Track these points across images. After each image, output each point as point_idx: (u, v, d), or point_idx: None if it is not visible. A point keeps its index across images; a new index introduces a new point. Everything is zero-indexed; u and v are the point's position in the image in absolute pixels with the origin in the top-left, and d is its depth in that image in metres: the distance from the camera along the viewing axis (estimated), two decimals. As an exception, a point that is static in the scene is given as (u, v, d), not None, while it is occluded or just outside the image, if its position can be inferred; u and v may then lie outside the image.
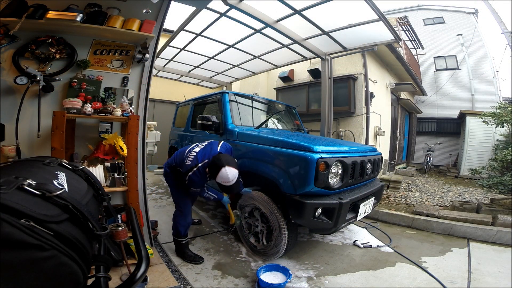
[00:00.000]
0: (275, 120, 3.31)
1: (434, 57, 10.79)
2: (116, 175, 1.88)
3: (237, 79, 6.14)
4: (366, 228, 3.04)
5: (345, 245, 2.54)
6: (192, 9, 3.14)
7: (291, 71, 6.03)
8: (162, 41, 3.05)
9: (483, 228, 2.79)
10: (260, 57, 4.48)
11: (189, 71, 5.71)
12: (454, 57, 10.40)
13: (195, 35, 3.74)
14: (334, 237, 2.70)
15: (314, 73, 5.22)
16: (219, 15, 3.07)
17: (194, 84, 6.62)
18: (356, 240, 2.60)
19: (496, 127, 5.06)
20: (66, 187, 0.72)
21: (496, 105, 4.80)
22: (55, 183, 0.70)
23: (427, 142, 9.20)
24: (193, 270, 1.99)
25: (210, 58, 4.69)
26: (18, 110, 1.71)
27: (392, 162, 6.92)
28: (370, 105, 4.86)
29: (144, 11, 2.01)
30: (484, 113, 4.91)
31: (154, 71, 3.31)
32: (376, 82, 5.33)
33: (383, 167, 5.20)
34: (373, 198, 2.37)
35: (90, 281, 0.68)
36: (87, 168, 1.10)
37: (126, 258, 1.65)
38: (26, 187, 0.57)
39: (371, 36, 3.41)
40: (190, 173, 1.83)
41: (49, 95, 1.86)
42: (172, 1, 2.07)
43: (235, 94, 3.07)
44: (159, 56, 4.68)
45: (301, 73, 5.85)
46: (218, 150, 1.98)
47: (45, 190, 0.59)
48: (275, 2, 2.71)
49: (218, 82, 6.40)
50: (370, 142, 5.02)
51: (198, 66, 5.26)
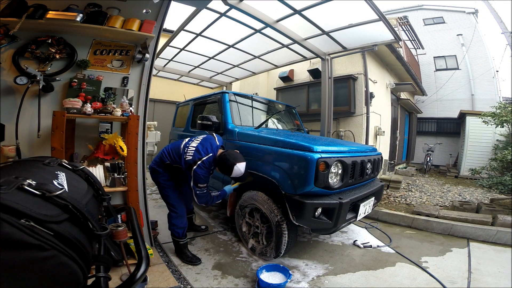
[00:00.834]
0: (275, 120, 3.31)
1: (434, 57, 10.80)
2: (116, 175, 1.88)
3: (237, 79, 6.14)
4: (366, 228, 3.03)
5: (345, 245, 2.54)
6: (192, 9, 3.13)
7: (291, 71, 6.03)
8: (162, 41, 3.05)
9: (483, 228, 2.79)
10: (260, 57, 4.47)
11: (189, 71, 5.71)
12: (454, 57, 10.40)
13: (195, 35, 3.74)
14: (334, 237, 2.70)
15: (314, 73, 5.22)
16: (219, 15, 3.07)
17: (194, 84, 6.61)
18: (356, 240, 2.60)
19: (496, 127, 5.06)
20: (66, 187, 0.72)
21: (496, 105, 4.80)
22: (55, 183, 0.70)
23: (427, 142, 9.20)
24: (193, 270, 1.99)
25: (210, 58, 4.69)
26: (18, 110, 1.71)
27: (392, 162, 6.93)
28: (370, 105, 4.86)
29: (144, 11, 2.01)
30: (484, 113, 4.91)
31: (154, 71, 3.31)
32: (376, 82, 5.33)
33: (383, 167, 5.20)
34: (373, 198, 2.37)
35: (90, 281, 0.68)
36: (87, 168, 1.10)
37: (126, 258, 1.65)
38: (26, 187, 0.57)
39: (371, 36, 3.41)
40: (195, 167, 1.80)
41: (49, 95, 1.86)
42: (172, 1, 2.07)
43: (235, 94, 3.07)
44: (159, 56, 4.68)
45: (301, 73, 5.85)
46: (218, 143, 2.02)
47: (45, 190, 0.59)
48: (275, 2, 2.71)
49: (218, 82, 6.40)
50: (370, 142, 5.02)
51: (198, 66, 5.25)
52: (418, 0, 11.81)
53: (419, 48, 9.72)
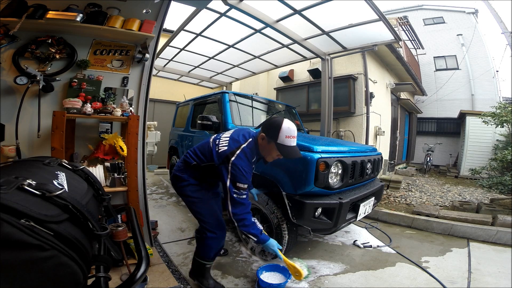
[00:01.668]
0: (275, 120, 3.30)
1: (434, 57, 10.80)
2: (116, 175, 1.88)
3: (237, 79, 6.14)
4: (366, 228, 3.03)
5: (345, 245, 2.54)
6: (192, 9, 3.14)
7: (291, 71, 6.03)
8: (162, 41, 3.05)
9: (483, 228, 2.79)
10: (260, 57, 4.48)
11: (189, 71, 5.71)
12: (454, 57, 10.40)
13: (195, 35, 3.74)
14: (334, 237, 2.70)
15: (314, 73, 5.21)
16: (219, 15, 3.07)
17: (194, 84, 6.62)
18: (356, 240, 2.60)
19: (496, 127, 5.05)
20: (66, 187, 0.72)
21: (496, 105, 4.79)
22: (55, 183, 0.70)
23: (427, 142, 9.20)
24: (193, 270, 1.99)
25: (210, 58, 4.70)
26: (18, 110, 1.71)
27: (392, 162, 6.93)
28: (370, 105, 4.86)
29: (144, 11, 2.01)
30: (484, 113, 4.90)
31: (154, 71, 3.31)
32: (376, 82, 5.33)
33: (383, 167, 5.19)
34: (373, 198, 2.37)
35: (90, 281, 0.68)
36: (87, 168, 1.10)
37: (126, 258, 1.65)
38: (26, 187, 0.57)
39: (371, 36, 3.41)
40: (233, 158, 1.42)
41: (49, 95, 1.86)
42: (172, 1, 2.07)
43: (235, 94, 3.07)
44: (159, 56, 4.68)
45: (301, 73, 5.85)
46: (255, 132, 1.64)
47: (45, 190, 0.59)
48: (275, 2, 2.71)
49: (218, 82, 6.40)
50: (370, 142, 5.02)
51: (198, 66, 5.26)
52: (418, 0, 11.82)
53: (419, 48, 9.73)
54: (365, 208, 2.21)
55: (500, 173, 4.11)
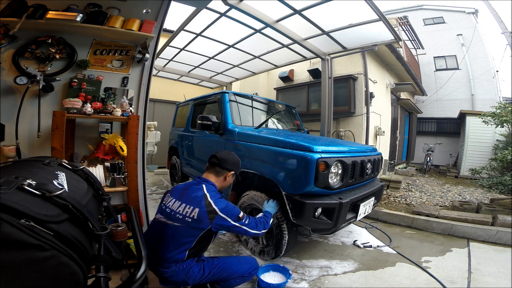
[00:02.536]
0: (275, 120, 3.31)
1: (434, 57, 10.80)
2: (116, 175, 1.88)
3: (237, 79, 6.14)
4: (366, 228, 3.03)
5: (345, 245, 2.54)
6: (192, 9, 3.14)
7: (291, 71, 6.03)
8: (162, 41, 3.05)
9: (483, 228, 2.79)
10: (260, 57, 4.48)
11: (189, 71, 5.71)
12: (454, 57, 10.40)
13: (195, 35, 3.74)
14: (334, 237, 2.70)
15: (314, 73, 5.21)
16: (219, 15, 3.07)
17: (194, 84, 6.62)
18: (356, 240, 2.60)
19: (496, 127, 5.05)
20: (66, 187, 0.72)
21: (496, 105, 4.80)
22: (55, 183, 0.70)
23: (427, 142, 9.20)
24: (193, 270, 1.98)
25: (210, 58, 4.70)
26: (18, 110, 1.71)
27: (392, 162, 6.92)
28: (370, 105, 4.86)
29: (144, 11, 2.00)
30: (484, 113, 4.90)
31: (154, 71, 3.31)
32: (376, 82, 5.33)
33: (383, 167, 5.19)
34: (373, 198, 2.37)
35: (90, 281, 0.68)
36: (87, 168, 1.10)
37: (126, 258, 1.65)
38: (26, 187, 0.57)
39: (371, 36, 3.41)
40: (215, 205, 1.39)
41: (49, 95, 1.86)
42: (172, 1, 2.07)
43: (235, 94, 3.07)
44: (159, 56, 4.68)
45: (301, 73, 5.85)
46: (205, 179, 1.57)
47: (45, 190, 0.59)
48: (275, 2, 2.71)
49: (218, 82, 6.40)
50: (370, 142, 5.02)
51: (198, 66, 5.26)
52: (418, 0, 11.82)
53: (419, 48, 9.73)
54: (365, 208, 2.21)
55: (500, 173, 4.10)
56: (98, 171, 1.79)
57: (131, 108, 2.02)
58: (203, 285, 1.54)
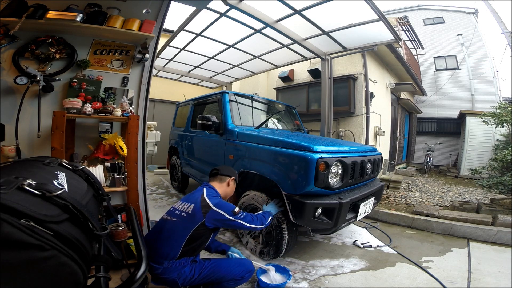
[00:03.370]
0: (275, 120, 3.31)
1: (434, 57, 10.80)
2: (116, 175, 1.88)
3: (237, 79, 6.14)
4: (366, 228, 3.03)
5: (345, 245, 2.54)
6: (192, 9, 3.14)
7: (291, 71, 6.03)
8: (162, 41, 3.05)
9: (483, 228, 2.79)
10: (260, 57, 4.48)
11: (189, 71, 5.72)
12: (454, 57, 10.41)
13: (195, 35, 3.74)
14: (334, 237, 2.70)
15: (314, 73, 5.22)
16: (219, 15, 3.07)
17: (194, 84, 6.62)
18: (356, 240, 2.60)
19: (496, 127, 5.05)
20: (66, 187, 0.72)
21: (496, 105, 4.80)
22: (55, 183, 0.70)
23: (427, 142, 9.20)
24: (193, 270, 1.98)
25: (210, 58, 4.70)
26: (18, 110, 1.71)
27: (392, 162, 6.92)
28: (370, 105, 4.86)
29: (144, 11, 2.00)
30: (484, 113, 4.90)
31: (154, 71, 3.31)
32: (376, 82, 5.33)
33: (383, 167, 5.19)
34: (373, 198, 2.37)
35: (90, 281, 0.68)
36: (87, 168, 1.10)
37: (126, 258, 1.65)
38: (26, 187, 0.57)
39: (371, 36, 3.41)
40: (210, 202, 1.49)
41: (49, 95, 1.86)
42: (172, 1, 2.07)
43: (235, 94, 3.07)
44: (159, 56, 4.68)
45: (301, 73, 5.86)
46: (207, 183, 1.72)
47: (45, 190, 0.59)
48: (275, 2, 2.71)
49: (218, 82, 6.40)
50: (370, 142, 5.02)
51: (198, 66, 5.26)
52: (418, 0, 11.82)
53: (419, 48, 9.73)
54: (365, 208, 2.21)
55: (500, 173, 4.10)
56: (98, 171, 1.79)
57: (131, 108, 2.02)
58: (195, 287, 1.55)
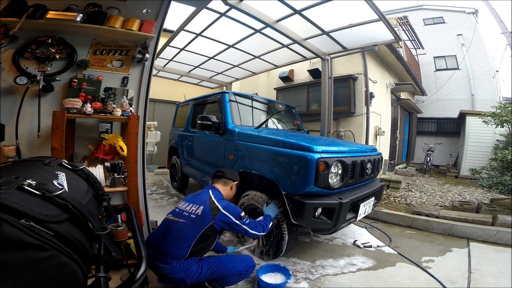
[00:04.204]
0: (275, 120, 3.31)
1: (434, 57, 10.80)
2: (116, 175, 1.88)
3: (237, 79, 6.14)
4: (366, 228, 3.03)
5: (345, 245, 2.54)
6: (192, 9, 3.13)
7: (291, 71, 6.03)
8: (162, 41, 3.05)
9: (483, 228, 2.79)
10: (260, 57, 4.48)
11: (189, 71, 5.72)
12: (454, 57, 10.40)
13: (195, 35, 3.74)
14: (334, 237, 2.70)
15: (314, 73, 5.22)
16: (219, 15, 3.07)
17: (194, 84, 6.62)
18: (356, 240, 2.60)
19: (496, 127, 5.05)
20: (66, 187, 0.72)
21: (496, 105, 4.80)
22: (55, 183, 0.70)
23: (427, 142, 9.20)
24: (193, 270, 1.98)
25: (210, 58, 4.70)
26: (18, 110, 1.71)
27: (392, 162, 6.92)
28: (370, 105, 4.86)
29: (144, 11, 2.01)
30: (484, 113, 4.90)
31: (154, 71, 3.31)
32: (376, 82, 5.33)
33: (383, 167, 5.19)
34: (373, 198, 2.37)
35: (90, 281, 0.68)
36: (87, 168, 1.10)
37: (126, 258, 1.65)
38: (26, 187, 0.57)
39: (371, 36, 3.41)
40: (218, 204, 1.54)
41: (49, 95, 1.86)
42: (172, 1, 2.07)
43: (235, 94, 3.07)
44: (159, 56, 4.68)
45: (301, 73, 5.85)
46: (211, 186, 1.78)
47: (45, 190, 0.59)
48: (275, 2, 2.71)
49: (218, 82, 6.40)
50: (370, 142, 5.02)
51: (198, 66, 5.26)
52: (418, 0, 11.82)
53: (419, 48, 9.73)
54: (365, 208, 2.21)
55: (500, 173, 4.10)
56: (98, 171, 1.79)
57: (131, 108, 2.02)
58: (201, 284, 1.59)
